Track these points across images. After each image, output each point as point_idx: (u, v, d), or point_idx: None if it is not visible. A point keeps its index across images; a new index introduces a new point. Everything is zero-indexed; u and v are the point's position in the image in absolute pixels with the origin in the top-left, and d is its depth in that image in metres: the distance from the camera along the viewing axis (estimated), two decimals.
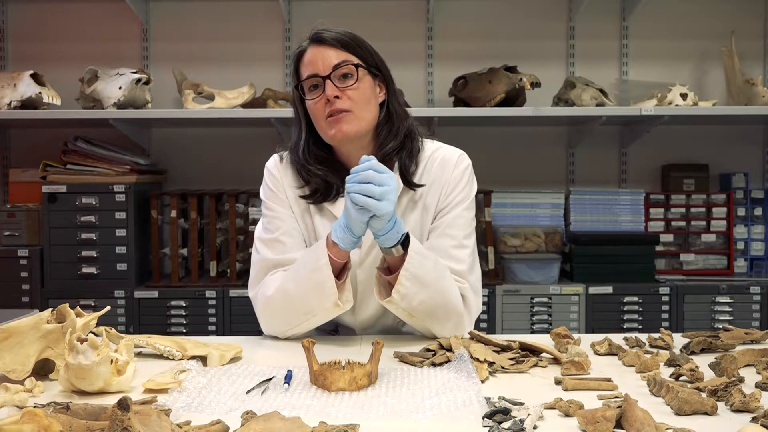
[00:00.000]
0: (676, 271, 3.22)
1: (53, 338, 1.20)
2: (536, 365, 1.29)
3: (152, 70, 3.29)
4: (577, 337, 1.40)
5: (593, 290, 2.96)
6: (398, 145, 1.57)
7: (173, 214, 2.97)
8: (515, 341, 1.35)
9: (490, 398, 1.07)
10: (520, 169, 3.36)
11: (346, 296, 1.47)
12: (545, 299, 2.96)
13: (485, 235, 2.99)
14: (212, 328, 2.91)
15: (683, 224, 3.25)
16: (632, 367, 1.27)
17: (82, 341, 1.11)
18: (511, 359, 1.28)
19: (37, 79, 2.89)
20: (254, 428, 0.90)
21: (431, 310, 1.46)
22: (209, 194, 3.02)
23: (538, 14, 3.34)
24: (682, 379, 1.16)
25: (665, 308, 2.97)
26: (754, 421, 0.96)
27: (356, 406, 1.06)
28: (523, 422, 0.95)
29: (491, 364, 1.25)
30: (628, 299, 2.97)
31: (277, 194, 1.62)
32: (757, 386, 1.14)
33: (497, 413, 0.99)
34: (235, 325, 2.91)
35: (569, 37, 3.35)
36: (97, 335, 1.14)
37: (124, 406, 0.83)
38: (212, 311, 2.92)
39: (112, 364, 1.14)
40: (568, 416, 1.01)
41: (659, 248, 3.15)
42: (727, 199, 3.24)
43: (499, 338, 1.37)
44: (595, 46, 3.34)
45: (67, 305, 1.24)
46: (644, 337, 1.46)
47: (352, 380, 1.14)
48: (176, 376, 1.16)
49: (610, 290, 2.97)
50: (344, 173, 1.55)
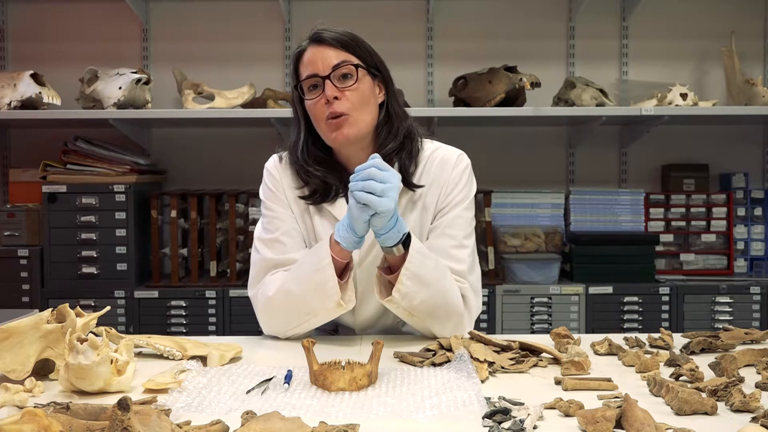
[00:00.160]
0: (676, 271, 3.22)
1: (53, 338, 1.20)
2: (536, 365, 1.29)
3: (152, 70, 3.29)
4: (577, 337, 1.40)
5: (593, 290, 2.96)
6: (398, 145, 1.57)
7: (173, 214, 2.97)
8: (515, 341, 1.35)
9: (490, 398, 1.07)
10: (520, 169, 3.36)
11: (348, 296, 1.47)
12: (545, 299, 2.96)
13: (485, 235, 2.99)
14: (212, 328, 2.91)
15: (683, 224, 3.25)
16: (632, 367, 1.27)
17: (82, 341, 1.11)
18: (511, 359, 1.28)
19: (37, 79, 2.89)
20: (254, 428, 0.90)
21: (432, 309, 1.46)
22: (209, 194, 3.02)
23: (538, 14, 3.34)
24: (682, 379, 1.16)
25: (665, 308, 2.97)
26: (754, 421, 0.96)
27: (356, 406, 1.06)
28: (523, 422, 0.95)
29: (491, 364, 1.25)
30: (628, 299, 2.96)
31: (276, 194, 1.62)
32: (757, 386, 1.14)
33: (497, 413, 0.99)
34: (235, 325, 2.91)
35: (569, 37, 3.35)
36: (97, 335, 1.14)
37: (124, 406, 0.83)
38: (212, 311, 2.92)
39: (112, 364, 1.14)
40: (568, 416, 1.01)
41: (659, 248, 3.15)
42: (727, 199, 3.24)
43: (499, 338, 1.37)
44: (595, 46, 3.34)
45: (67, 305, 1.24)
46: (644, 337, 1.46)
47: (352, 380, 1.13)
48: (176, 376, 1.16)
49: (610, 290, 2.97)
50: (343, 174, 1.55)
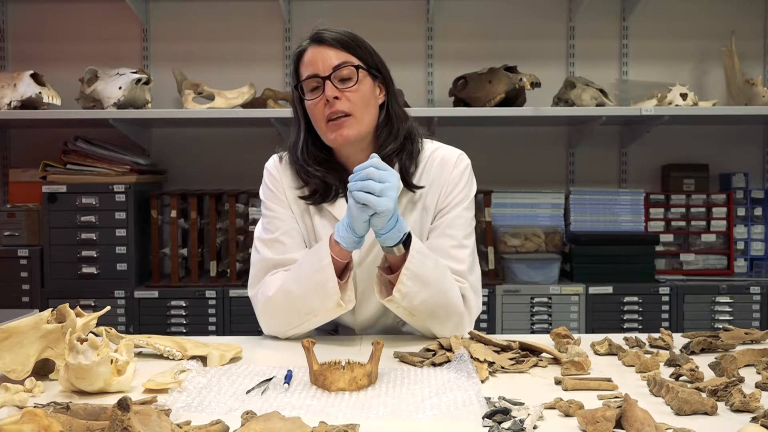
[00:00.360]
0: (676, 271, 3.22)
1: (53, 338, 1.20)
2: (536, 365, 1.29)
3: (152, 70, 3.29)
4: (577, 337, 1.40)
5: (593, 290, 2.96)
6: (398, 147, 1.57)
7: (173, 214, 2.97)
8: (515, 341, 1.35)
9: (490, 398, 1.07)
10: (520, 169, 3.36)
11: (348, 296, 1.46)
12: (545, 299, 2.96)
13: (485, 235, 2.99)
14: (212, 328, 2.91)
15: (683, 224, 3.25)
16: (632, 367, 1.27)
17: (82, 341, 1.11)
18: (511, 359, 1.28)
19: (37, 79, 2.89)
20: (254, 428, 0.90)
21: (432, 309, 1.46)
22: (209, 194, 3.02)
23: (538, 14, 3.34)
24: (682, 379, 1.16)
25: (665, 308, 2.97)
26: (754, 421, 0.96)
27: (356, 406, 1.06)
28: (523, 422, 0.95)
29: (491, 364, 1.25)
30: (628, 299, 2.96)
31: (276, 194, 1.62)
32: (757, 386, 1.14)
33: (497, 413, 0.99)
34: (235, 325, 2.91)
35: (569, 37, 3.35)
36: (97, 335, 1.14)
37: (124, 406, 0.83)
38: (212, 311, 2.92)
39: (112, 364, 1.14)
40: (568, 416, 1.01)
41: (659, 248, 3.15)
42: (727, 199, 3.24)
43: (499, 338, 1.37)
44: (595, 46, 3.34)
45: (67, 305, 1.24)
46: (644, 337, 1.46)
47: (352, 380, 1.13)
48: (176, 376, 1.16)
49: (610, 290, 2.97)
50: (343, 174, 1.55)
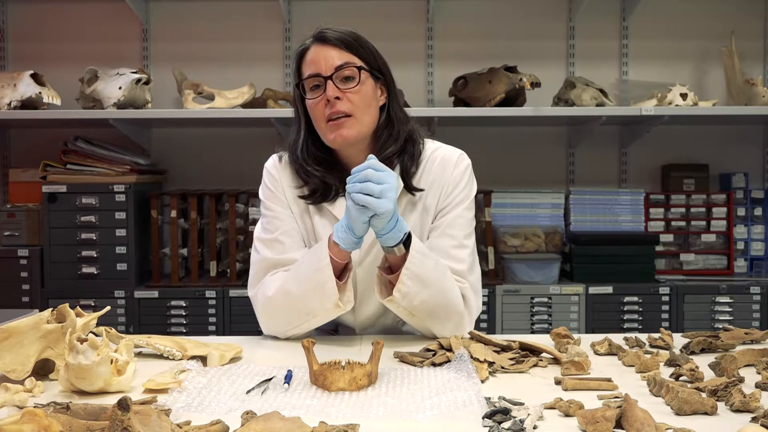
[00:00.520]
0: (676, 271, 3.22)
1: (53, 338, 1.20)
2: (536, 365, 1.29)
3: (152, 70, 3.29)
4: (577, 337, 1.40)
5: (593, 290, 2.96)
6: (399, 148, 1.57)
7: (173, 214, 2.97)
8: (515, 341, 1.35)
9: (490, 398, 1.07)
10: (520, 169, 3.36)
11: (347, 297, 1.46)
12: (545, 299, 2.96)
13: (485, 235, 2.99)
14: (212, 328, 2.91)
15: (683, 224, 3.25)
16: (632, 367, 1.27)
17: (82, 341, 1.11)
18: (511, 359, 1.28)
19: (37, 79, 2.89)
20: (254, 428, 0.90)
21: (432, 309, 1.46)
22: (209, 194, 3.02)
23: (538, 14, 3.34)
24: (682, 379, 1.16)
25: (665, 308, 2.97)
26: (754, 421, 0.96)
27: (356, 406, 1.06)
28: (523, 422, 0.95)
29: (491, 364, 1.25)
30: (628, 299, 2.96)
31: (276, 194, 1.62)
32: (757, 386, 1.14)
33: (497, 413, 0.99)
34: (235, 325, 2.91)
35: (569, 37, 3.35)
36: (97, 335, 1.14)
37: (124, 406, 0.83)
38: (212, 311, 2.92)
39: (112, 364, 1.14)
40: (568, 416, 1.01)
41: (659, 248, 3.15)
42: (727, 199, 3.24)
43: (499, 338, 1.37)
44: (595, 46, 3.34)
45: (67, 305, 1.24)
46: (644, 337, 1.46)
47: (352, 380, 1.13)
48: (176, 376, 1.16)
49: (610, 290, 2.97)
50: (343, 174, 1.55)
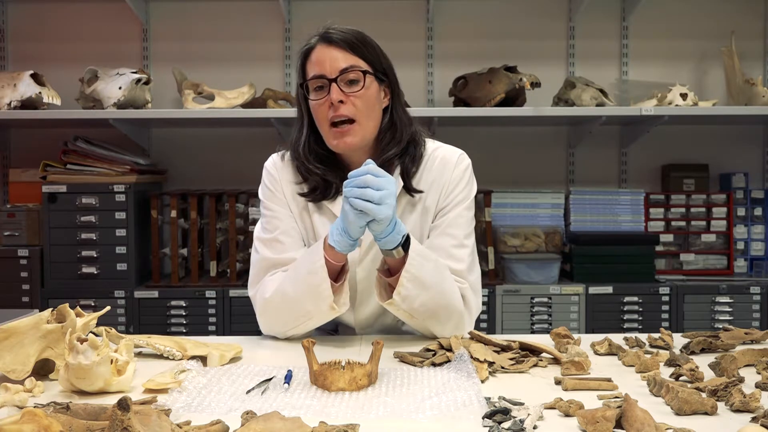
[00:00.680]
0: (676, 271, 3.22)
1: (53, 338, 1.20)
2: (536, 365, 1.29)
3: (152, 70, 3.29)
4: (577, 337, 1.40)
5: (593, 290, 2.96)
6: (400, 151, 1.57)
7: (173, 214, 2.97)
8: (515, 341, 1.35)
9: (490, 398, 1.07)
10: (520, 169, 3.36)
11: (342, 299, 1.46)
12: (545, 299, 2.96)
13: (485, 235, 2.99)
14: (212, 328, 2.91)
15: (683, 224, 3.25)
16: (632, 367, 1.27)
17: (82, 341, 1.11)
18: (511, 359, 1.28)
19: (37, 79, 2.89)
20: (254, 428, 0.90)
21: (432, 311, 1.46)
22: (209, 194, 3.02)
23: (538, 14, 3.34)
24: (682, 379, 1.16)
25: (665, 308, 2.97)
26: (754, 421, 0.96)
27: (356, 406, 1.06)
28: (523, 422, 0.95)
29: (491, 364, 1.25)
30: (628, 299, 2.96)
31: (275, 194, 1.62)
32: (757, 386, 1.14)
33: (497, 413, 0.99)
34: (235, 325, 2.90)
35: (569, 37, 3.35)
36: (97, 335, 1.14)
37: (124, 406, 0.83)
38: (212, 311, 2.91)
39: (112, 364, 1.14)
40: (568, 416, 1.01)
41: (659, 248, 3.15)
42: (727, 199, 3.24)
43: (499, 338, 1.37)
44: (595, 46, 3.34)
45: (67, 305, 1.24)
46: (644, 337, 1.46)
47: (352, 380, 1.13)
48: (176, 376, 1.16)
49: (610, 290, 2.97)
50: (344, 172, 1.55)
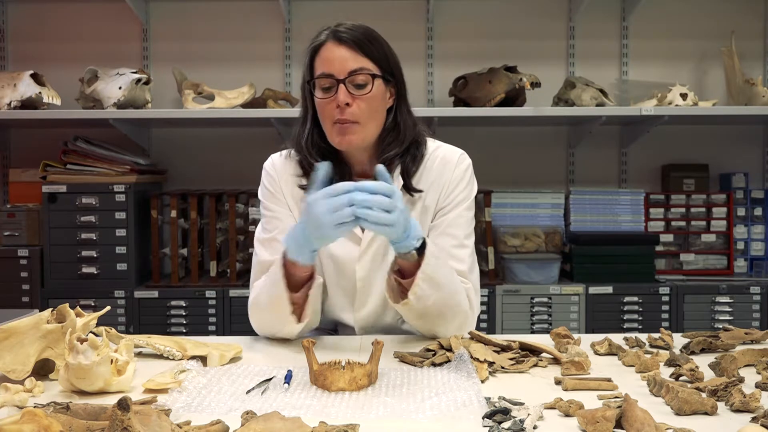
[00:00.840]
0: (676, 271, 3.22)
1: (53, 338, 1.20)
2: (536, 365, 1.29)
3: (152, 70, 3.29)
4: (577, 337, 1.40)
5: (593, 290, 2.96)
6: (402, 151, 1.57)
7: (173, 214, 2.97)
8: (515, 341, 1.35)
9: (490, 398, 1.06)
10: (520, 169, 3.36)
11: (306, 312, 1.44)
12: (545, 299, 2.96)
13: (485, 235, 2.99)
14: (212, 328, 2.91)
15: (683, 224, 3.25)
16: (632, 367, 1.27)
17: (82, 341, 1.11)
18: (511, 359, 1.28)
19: (37, 79, 2.89)
20: (254, 428, 0.90)
21: (441, 310, 1.46)
22: (209, 194, 3.02)
23: (538, 14, 3.34)
24: (682, 379, 1.16)
25: (665, 308, 2.97)
26: (754, 421, 0.96)
27: (356, 406, 1.06)
28: (523, 422, 0.95)
29: (491, 364, 1.25)
30: (628, 299, 2.96)
31: (274, 195, 1.62)
32: (757, 386, 1.14)
33: (497, 413, 0.99)
34: (235, 325, 2.90)
35: (569, 37, 3.35)
36: (97, 335, 1.14)
37: (124, 406, 0.83)
38: (212, 311, 2.92)
39: (112, 364, 1.14)
40: (568, 416, 1.01)
41: (659, 248, 3.15)
42: (727, 199, 3.24)
43: (499, 338, 1.37)
44: (595, 46, 3.34)
45: (67, 305, 1.24)
46: (644, 337, 1.46)
47: (352, 380, 1.13)
48: (176, 376, 1.16)
49: (610, 290, 2.97)
50: (345, 168, 1.56)
